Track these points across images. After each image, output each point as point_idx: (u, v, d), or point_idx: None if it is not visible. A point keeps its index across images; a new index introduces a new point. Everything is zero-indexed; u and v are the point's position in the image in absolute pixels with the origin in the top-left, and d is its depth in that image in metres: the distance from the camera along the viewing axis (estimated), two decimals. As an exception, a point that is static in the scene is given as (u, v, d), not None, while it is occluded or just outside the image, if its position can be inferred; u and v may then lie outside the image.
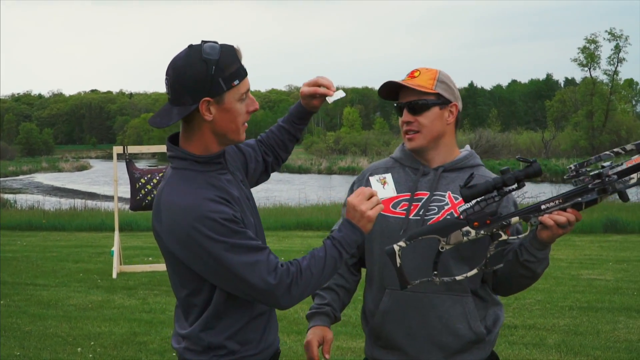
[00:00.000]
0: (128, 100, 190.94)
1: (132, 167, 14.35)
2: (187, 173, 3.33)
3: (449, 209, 3.75)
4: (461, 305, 3.72)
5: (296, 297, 3.27)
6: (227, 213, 3.19)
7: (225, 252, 3.16)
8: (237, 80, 3.25)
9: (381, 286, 3.89)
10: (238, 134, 3.36)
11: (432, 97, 3.81)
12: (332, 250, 3.34)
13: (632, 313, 10.75)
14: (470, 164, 3.93)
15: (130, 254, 17.22)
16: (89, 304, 11.99)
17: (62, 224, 24.27)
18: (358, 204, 3.35)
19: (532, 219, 3.38)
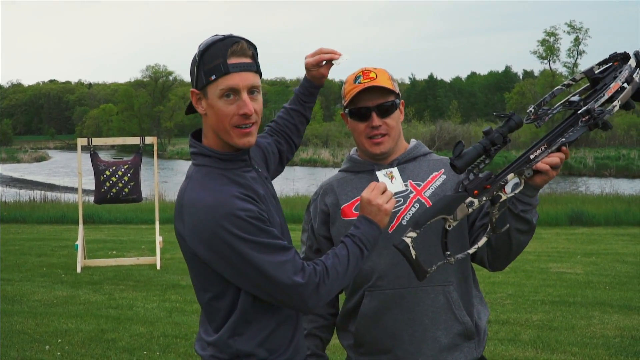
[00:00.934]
0: (87, 90, 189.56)
1: (96, 160, 14.25)
2: (211, 170, 3.23)
3: (414, 197, 3.71)
4: (444, 296, 3.65)
5: (324, 297, 3.18)
6: (253, 211, 3.10)
7: (252, 251, 3.07)
8: (215, 76, 3.13)
9: (357, 290, 3.79)
10: (230, 136, 3.21)
11: (394, 97, 3.76)
12: (354, 248, 3.26)
13: (606, 308, 10.72)
14: (422, 152, 3.90)
15: (94, 248, 17.03)
16: (54, 299, 11.80)
17: (22, 216, 24.00)
18: (373, 198, 3.31)
19: (526, 171, 3.32)
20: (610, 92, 3.25)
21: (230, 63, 3.13)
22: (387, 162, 3.81)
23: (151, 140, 14.87)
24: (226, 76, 3.12)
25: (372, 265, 3.69)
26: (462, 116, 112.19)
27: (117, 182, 14.14)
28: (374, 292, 3.69)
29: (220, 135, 3.22)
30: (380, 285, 3.68)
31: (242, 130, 3.20)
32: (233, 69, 3.13)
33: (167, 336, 9.49)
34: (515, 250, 3.58)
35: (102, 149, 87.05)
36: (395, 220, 3.68)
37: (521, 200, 3.42)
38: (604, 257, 15.26)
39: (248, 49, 3.19)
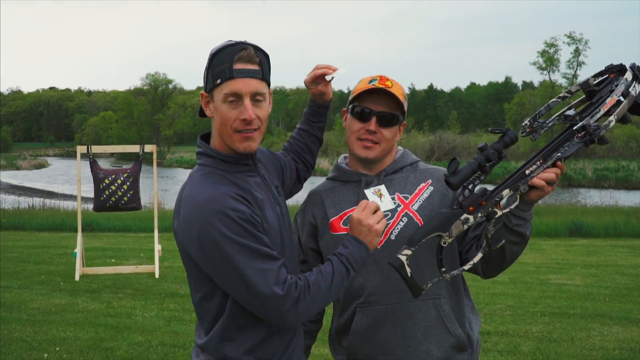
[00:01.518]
0: (87, 98, 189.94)
1: (96, 168, 14.23)
2: (212, 170, 3.28)
3: (402, 210, 3.69)
4: (436, 309, 3.65)
5: (303, 313, 3.14)
6: (244, 212, 3.11)
7: (236, 252, 3.07)
8: (220, 80, 3.18)
9: (348, 307, 3.77)
10: (232, 140, 3.25)
11: (400, 112, 3.74)
12: (340, 267, 3.23)
13: (606, 320, 10.68)
14: (408, 162, 3.86)
15: (92, 256, 16.97)
16: (52, 307, 11.75)
17: (21, 223, 23.94)
18: (364, 218, 3.27)
19: (522, 187, 3.29)
20: (607, 107, 3.23)
21: (235, 68, 3.16)
22: (374, 172, 3.79)
23: (150, 149, 14.86)
24: (230, 81, 3.17)
25: (362, 282, 3.66)
26: (461, 126, 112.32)
27: (116, 191, 14.12)
28: (366, 308, 3.67)
29: (224, 138, 3.26)
30: (372, 302, 3.66)
31: (242, 135, 3.23)
32: (237, 74, 3.16)
33: (165, 345, 9.46)
34: (509, 261, 3.58)
35: (102, 157, 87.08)
36: (384, 235, 3.64)
37: (516, 214, 3.40)
38: (604, 268, 15.24)
39: (255, 56, 3.22)
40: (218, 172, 3.27)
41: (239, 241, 3.06)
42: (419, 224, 3.61)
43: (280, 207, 3.44)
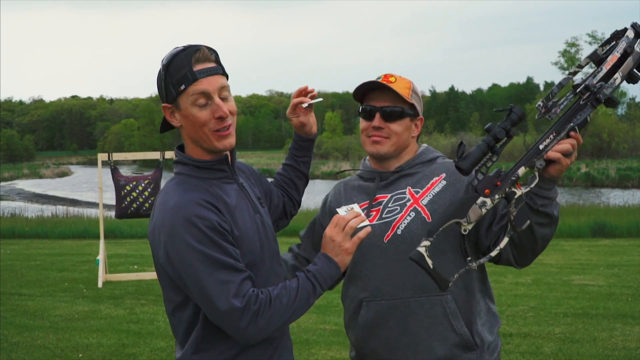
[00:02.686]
0: (109, 106, 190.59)
1: (117, 175, 14.25)
2: (185, 178, 3.24)
3: (411, 205, 3.66)
4: (441, 306, 3.58)
5: (263, 328, 3.06)
6: (210, 220, 3.05)
7: (198, 262, 3.01)
8: (184, 85, 3.14)
9: (356, 300, 3.78)
10: (210, 141, 3.21)
11: (407, 106, 3.73)
12: (306, 283, 3.17)
13: (628, 320, 10.64)
14: (428, 158, 3.83)
15: (115, 262, 17.02)
16: (75, 314, 11.81)
17: (44, 231, 24.04)
18: (335, 235, 3.24)
19: (537, 163, 3.20)
20: (608, 65, 3.19)
21: (196, 70, 3.14)
22: (391, 169, 3.79)
23: (171, 155, 14.88)
24: (195, 83, 3.13)
25: (368, 275, 3.67)
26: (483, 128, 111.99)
27: (137, 197, 14.15)
28: (370, 303, 3.68)
29: (200, 142, 3.23)
30: (377, 296, 3.66)
31: (220, 133, 3.20)
32: (200, 74, 3.14)
33: (188, 351, 9.45)
34: (540, 244, 3.47)
35: (124, 164, 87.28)
36: (391, 229, 3.64)
37: (539, 194, 3.31)
38: (627, 268, 15.15)
39: (210, 54, 3.21)
40: (192, 179, 3.23)
41: (201, 250, 3.01)
42: (426, 219, 3.59)
43: (261, 216, 3.38)
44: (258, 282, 3.21)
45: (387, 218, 3.66)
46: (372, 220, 3.67)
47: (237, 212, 3.22)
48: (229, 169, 3.32)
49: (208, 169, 3.25)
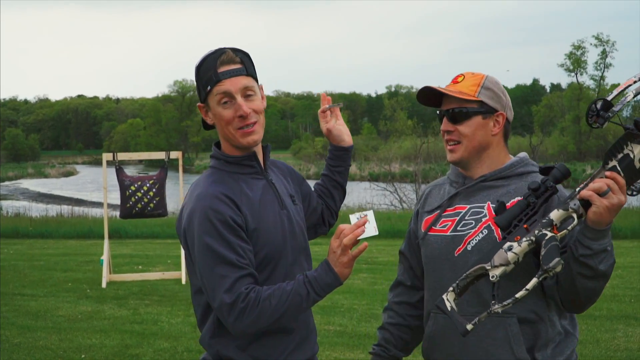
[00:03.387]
0: (115, 105, 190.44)
1: (122, 175, 14.26)
2: (215, 171, 3.48)
3: (486, 221, 3.49)
4: (503, 328, 3.40)
5: (248, 325, 3.22)
6: (224, 214, 3.26)
7: (202, 253, 3.25)
8: (210, 86, 3.38)
9: (426, 310, 3.72)
10: (235, 138, 3.42)
11: (474, 104, 3.56)
12: (301, 288, 3.25)
13: (631, 321, 10.64)
14: (518, 171, 3.61)
15: (120, 262, 17.05)
16: (78, 314, 11.81)
17: (49, 231, 24.10)
18: (335, 247, 3.27)
19: (571, 203, 3.04)
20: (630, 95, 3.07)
21: (220, 71, 3.36)
22: (475, 175, 3.63)
23: (176, 155, 14.91)
24: (218, 84, 3.36)
25: (436, 287, 3.57)
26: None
27: (142, 197, 14.15)
28: (437, 315, 3.57)
29: (228, 139, 3.46)
30: None
31: (243, 131, 3.40)
32: (223, 76, 3.36)
33: (191, 351, 9.48)
34: (584, 296, 3.28)
35: (129, 164, 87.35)
36: (463, 244, 3.51)
37: (582, 242, 3.12)
38: (630, 270, 15.15)
39: (235, 56, 3.41)
40: (221, 172, 3.45)
41: (208, 243, 3.23)
42: (497, 238, 3.40)
43: (288, 212, 3.52)
44: (277, 275, 3.39)
45: (461, 231, 3.54)
46: (446, 231, 3.58)
47: (261, 206, 3.41)
48: (257, 165, 3.52)
49: (237, 164, 3.47)
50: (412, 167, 44.18)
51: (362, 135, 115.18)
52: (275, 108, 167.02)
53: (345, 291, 13.06)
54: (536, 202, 3.14)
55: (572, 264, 3.17)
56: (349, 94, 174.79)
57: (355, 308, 11.95)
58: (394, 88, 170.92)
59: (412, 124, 59.42)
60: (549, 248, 2.99)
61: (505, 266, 3.06)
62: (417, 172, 36.74)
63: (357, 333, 10.23)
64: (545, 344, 3.44)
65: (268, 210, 3.42)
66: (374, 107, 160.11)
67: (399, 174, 51.27)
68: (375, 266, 16.41)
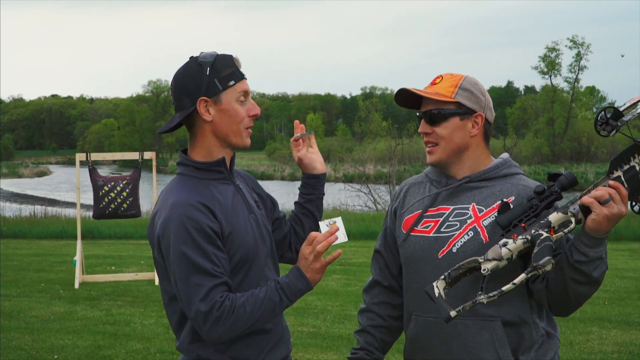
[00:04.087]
0: (89, 105, 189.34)
1: (95, 175, 14.20)
2: (186, 178, 3.46)
3: (471, 223, 3.46)
4: (488, 332, 3.37)
5: (224, 333, 3.25)
6: (199, 222, 3.27)
7: (177, 261, 3.25)
8: (233, 81, 3.40)
9: (407, 311, 3.68)
10: (240, 136, 3.46)
11: (451, 106, 3.53)
12: (273, 294, 3.31)
13: (605, 323, 10.68)
14: (502, 173, 3.59)
15: (93, 263, 16.94)
16: (51, 315, 11.74)
17: (22, 231, 23.93)
18: (307, 254, 3.33)
19: (571, 207, 3.07)
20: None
21: (241, 71, 3.46)
22: (458, 176, 3.59)
23: (150, 156, 14.88)
24: (242, 81, 3.45)
25: (419, 289, 3.48)
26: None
27: (115, 198, 14.10)
28: (419, 317, 3.55)
29: (230, 137, 3.46)
30: (425, 311, 3.52)
31: (249, 131, 3.50)
32: (244, 76, 3.46)
33: (164, 352, 9.44)
34: (574, 301, 3.31)
35: (103, 165, 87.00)
36: (447, 246, 3.48)
37: (578, 248, 3.13)
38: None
39: None
40: (192, 179, 3.44)
41: (184, 252, 3.23)
42: (483, 241, 3.39)
43: (256, 217, 3.55)
44: (251, 278, 3.43)
45: (444, 233, 3.51)
46: (429, 232, 3.55)
47: (232, 210, 3.42)
48: (225, 171, 3.50)
49: (206, 170, 3.46)
50: (386, 169, 44.25)
51: (337, 136, 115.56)
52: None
53: (319, 292, 13.04)
54: (539, 205, 3.15)
55: (565, 268, 3.18)
56: (323, 95, 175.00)
57: (328, 309, 11.94)
58: (368, 89, 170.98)
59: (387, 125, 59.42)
60: (542, 247, 3.03)
61: (498, 261, 3.10)
62: (392, 173, 36.81)
63: (331, 334, 10.21)
64: (529, 346, 3.44)
65: (239, 214, 3.45)
66: (349, 108, 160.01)
67: (374, 176, 51.41)
68: (349, 267, 16.41)
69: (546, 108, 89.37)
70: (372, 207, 33.51)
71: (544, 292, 3.33)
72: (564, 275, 3.19)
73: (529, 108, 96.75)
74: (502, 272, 3.18)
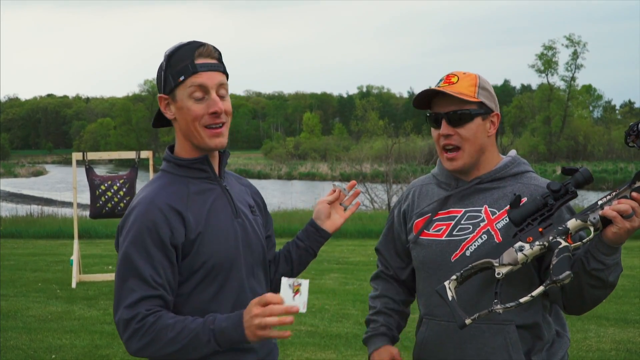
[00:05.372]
0: (85, 104, 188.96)
1: (91, 174, 14.18)
2: (165, 174, 3.30)
3: (484, 226, 3.41)
4: (502, 336, 3.35)
5: (139, 349, 3.04)
6: (157, 226, 3.09)
7: (121, 259, 3.10)
8: (183, 76, 3.15)
9: (419, 314, 3.65)
10: (200, 137, 3.20)
11: (475, 106, 3.46)
12: (204, 333, 2.99)
13: (602, 321, 10.70)
14: (512, 172, 3.55)
15: (90, 263, 16.92)
16: (48, 315, 11.71)
17: (18, 231, 23.86)
18: (254, 314, 2.94)
19: (591, 216, 3.01)
20: None
21: (197, 63, 3.15)
22: (468, 179, 3.54)
23: (147, 155, 14.86)
24: (194, 75, 3.14)
25: (431, 292, 3.42)
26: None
27: (112, 197, 14.07)
28: (431, 321, 3.53)
29: (191, 138, 3.22)
30: (437, 315, 3.49)
31: (213, 130, 3.20)
32: (201, 68, 3.15)
33: (162, 352, 9.40)
34: (590, 303, 3.31)
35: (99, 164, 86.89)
36: (460, 249, 3.43)
37: (595, 256, 3.10)
38: (601, 270, 15.16)
39: (214, 51, 3.24)
40: (170, 176, 3.28)
41: (129, 252, 3.08)
42: (497, 244, 3.35)
43: (243, 222, 3.32)
44: (229, 289, 3.20)
45: (457, 236, 3.45)
46: (441, 236, 3.50)
47: (210, 212, 3.22)
48: (210, 170, 3.30)
49: (188, 167, 3.26)
50: (383, 168, 44.18)
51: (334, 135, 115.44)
52: (247, 108, 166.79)
53: (317, 291, 13.04)
54: (554, 204, 3.11)
55: (582, 275, 3.15)
56: (320, 94, 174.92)
57: (326, 308, 11.91)
58: (365, 88, 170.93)
59: (384, 124, 59.47)
60: (561, 259, 2.98)
61: (513, 266, 3.06)
62: (388, 172, 36.71)
63: (329, 333, 10.19)
64: (541, 347, 3.42)
65: (219, 217, 3.24)
66: (346, 107, 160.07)
67: (370, 174, 51.28)
68: (347, 266, 16.41)
69: (543, 106, 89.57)
70: (369, 206, 33.44)
71: (560, 294, 3.31)
72: (580, 281, 3.17)
73: (526, 106, 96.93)
74: (514, 275, 3.16)
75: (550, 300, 3.43)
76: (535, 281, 3.33)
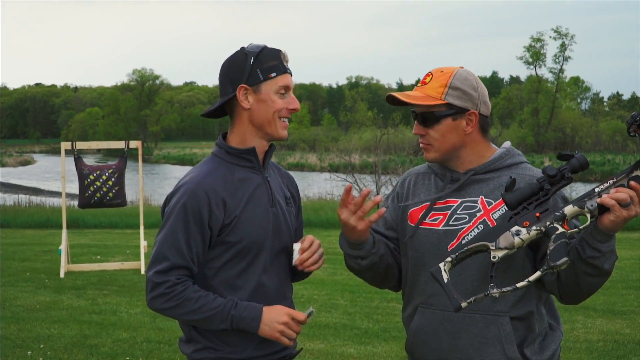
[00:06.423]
0: (73, 94, 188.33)
1: (80, 164, 14.16)
2: (215, 158, 3.65)
3: (481, 216, 3.42)
4: (496, 327, 3.34)
5: (162, 309, 3.47)
6: (200, 205, 3.46)
7: (166, 226, 3.50)
8: (275, 73, 3.54)
9: (413, 303, 3.61)
10: (275, 127, 3.59)
11: (442, 108, 3.47)
12: (223, 313, 3.45)
13: (589, 312, 10.75)
14: (507, 163, 3.54)
15: (78, 252, 16.92)
16: (37, 304, 11.71)
17: (6, 220, 23.83)
18: (285, 316, 3.52)
19: (588, 203, 3.01)
20: None
21: (286, 65, 3.61)
22: (462, 169, 3.54)
23: (136, 144, 14.84)
24: (284, 75, 3.58)
25: (426, 281, 3.44)
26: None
27: (101, 187, 14.06)
28: (426, 310, 3.51)
29: (266, 127, 3.59)
30: (432, 304, 3.49)
31: (284, 123, 3.62)
32: (287, 70, 3.60)
33: (151, 341, 9.44)
34: (586, 292, 3.30)
35: (89, 153, 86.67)
36: (456, 239, 3.43)
37: (590, 244, 3.10)
38: (588, 262, 15.19)
39: None
40: (219, 160, 3.63)
41: (172, 223, 3.47)
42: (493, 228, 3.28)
43: (277, 211, 3.65)
44: (256, 268, 3.57)
45: (453, 226, 3.46)
46: (438, 225, 3.51)
47: (250, 198, 3.58)
48: (255, 161, 3.64)
49: (236, 156, 3.62)
50: (372, 158, 44.14)
51: (323, 126, 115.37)
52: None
53: (306, 282, 12.94)
54: (550, 189, 3.11)
55: (577, 263, 3.15)
56: (309, 85, 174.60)
57: (315, 298, 11.95)
58: (354, 79, 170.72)
59: (373, 115, 59.47)
60: (558, 245, 2.99)
61: (509, 250, 3.07)
62: (377, 163, 36.70)
63: (317, 323, 10.21)
64: (533, 339, 3.42)
65: (256, 204, 3.57)
66: (335, 97, 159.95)
67: (359, 165, 51.32)
68: (335, 257, 16.29)
69: (531, 98, 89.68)
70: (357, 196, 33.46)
71: (555, 283, 3.31)
72: (576, 269, 3.17)
73: (514, 98, 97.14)
74: (508, 259, 3.19)
75: (546, 290, 3.42)
76: (531, 273, 3.27)
